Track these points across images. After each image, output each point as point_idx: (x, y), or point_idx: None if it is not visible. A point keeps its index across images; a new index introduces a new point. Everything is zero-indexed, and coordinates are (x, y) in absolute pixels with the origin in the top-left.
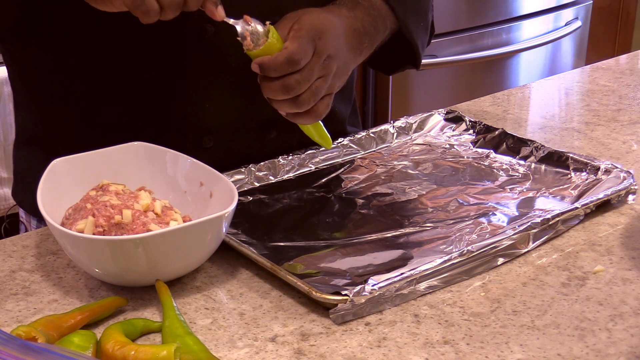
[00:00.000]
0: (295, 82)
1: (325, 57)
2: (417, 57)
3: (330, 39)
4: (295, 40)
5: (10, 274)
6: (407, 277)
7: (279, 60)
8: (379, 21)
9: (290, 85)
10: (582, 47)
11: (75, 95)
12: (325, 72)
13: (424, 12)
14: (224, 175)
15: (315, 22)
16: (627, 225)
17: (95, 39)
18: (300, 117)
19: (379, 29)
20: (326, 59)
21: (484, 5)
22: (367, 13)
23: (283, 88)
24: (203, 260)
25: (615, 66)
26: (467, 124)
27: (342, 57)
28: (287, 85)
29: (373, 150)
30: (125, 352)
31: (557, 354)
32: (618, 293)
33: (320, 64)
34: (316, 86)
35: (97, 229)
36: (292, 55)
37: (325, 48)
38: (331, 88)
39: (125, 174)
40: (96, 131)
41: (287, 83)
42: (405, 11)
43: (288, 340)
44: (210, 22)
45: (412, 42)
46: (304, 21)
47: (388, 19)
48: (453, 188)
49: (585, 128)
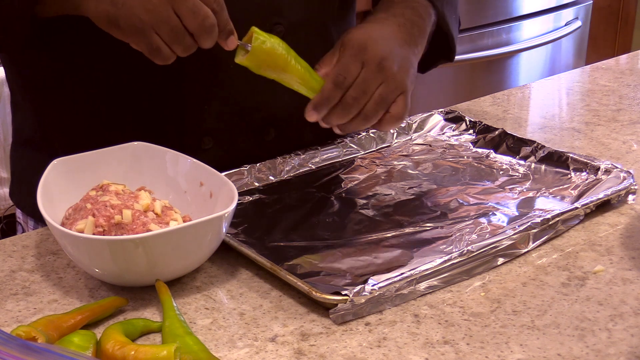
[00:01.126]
0: (352, 100)
1: (378, 64)
2: (452, 50)
3: (377, 45)
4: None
5: (10, 274)
6: (407, 277)
7: (327, 89)
8: (421, 9)
9: (348, 104)
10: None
11: (72, 97)
12: (384, 78)
13: (455, 4)
14: (224, 175)
15: (356, 36)
16: (627, 225)
17: (93, 41)
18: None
19: (423, 16)
20: (379, 65)
21: (484, 5)
22: (405, 6)
23: (343, 110)
24: (203, 260)
25: (615, 66)
26: (467, 124)
27: (398, 55)
28: (345, 105)
29: (373, 150)
30: (125, 352)
31: (557, 354)
32: (618, 293)
33: (375, 71)
34: (379, 94)
35: (97, 229)
36: (335, 78)
37: (373, 55)
38: (401, 87)
39: (125, 174)
40: (93, 132)
41: (344, 103)
42: (442, 3)
43: (288, 340)
44: None
45: (449, 34)
46: (346, 40)
47: (428, 10)
48: (453, 188)
49: (585, 128)
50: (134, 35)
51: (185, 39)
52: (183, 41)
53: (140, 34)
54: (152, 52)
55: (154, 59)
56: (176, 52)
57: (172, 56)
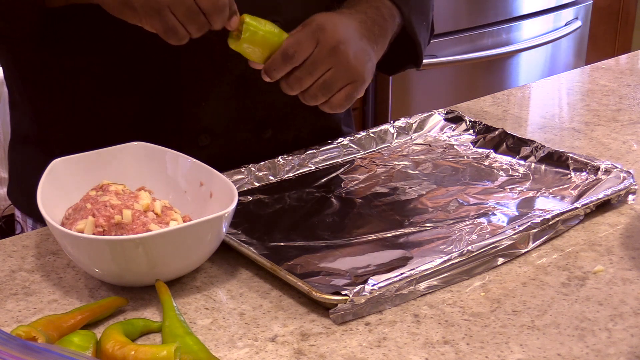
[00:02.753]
0: (296, 79)
1: (332, 47)
2: (419, 56)
3: (335, 29)
4: (291, 37)
5: (10, 274)
6: (407, 277)
7: (275, 59)
8: (385, 10)
9: (293, 82)
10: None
11: (70, 94)
12: (335, 63)
13: (426, 11)
14: (224, 175)
15: (318, 17)
16: (627, 225)
17: (91, 39)
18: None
19: (386, 17)
20: (334, 48)
21: (484, 5)
22: (369, 5)
23: (288, 85)
24: (203, 260)
25: (615, 66)
26: (467, 124)
27: (355, 44)
28: (289, 82)
29: (373, 150)
30: (125, 352)
31: (557, 354)
32: (618, 293)
33: (326, 55)
34: (324, 79)
35: (97, 229)
36: (285, 50)
37: (330, 37)
38: (352, 76)
39: (125, 174)
40: (91, 130)
41: (289, 80)
42: (409, 9)
43: (288, 340)
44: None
45: (415, 40)
46: (309, 21)
47: (394, 12)
48: (453, 188)
49: (585, 128)
50: (149, 16)
51: (199, 17)
52: (197, 20)
53: (156, 14)
54: (167, 31)
55: (168, 39)
56: (190, 31)
57: (186, 36)
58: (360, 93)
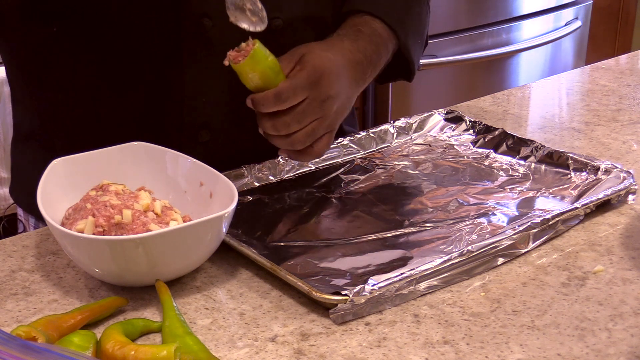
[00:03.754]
0: (284, 123)
1: (323, 100)
2: (411, 73)
3: (331, 81)
4: (289, 80)
5: (10, 274)
6: (407, 277)
7: (267, 96)
8: (382, 47)
9: (279, 125)
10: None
11: (72, 90)
12: (323, 114)
13: (421, 31)
14: (224, 175)
15: (317, 63)
16: (627, 225)
17: (92, 33)
18: (297, 155)
19: (381, 55)
20: (324, 101)
21: (484, 5)
22: (370, 41)
23: (273, 126)
24: (203, 260)
25: (615, 66)
26: (467, 124)
27: (343, 96)
28: (276, 124)
29: (373, 150)
30: (125, 352)
31: (557, 354)
32: (618, 293)
33: (317, 107)
34: (312, 128)
35: (97, 229)
36: (279, 93)
37: (324, 91)
38: (331, 126)
39: (125, 174)
40: (93, 125)
41: (276, 122)
42: (406, 33)
43: (288, 340)
44: (208, 16)
45: (410, 60)
46: (306, 61)
47: (390, 42)
48: (453, 188)
49: (585, 128)
50: None
51: None
52: None
53: None
54: None
55: None
56: None
57: None
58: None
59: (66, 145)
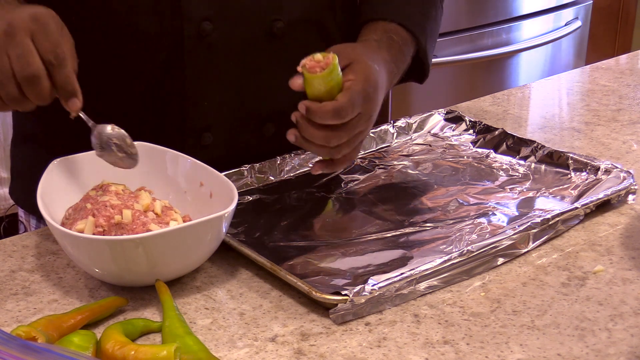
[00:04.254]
0: (338, 137)
1: (370, 115)
2: (425, 75)
3: (378, 97)
4: (347, 94)
5: (10, 274)
6: (407, 277)
7: (326, 109)
8: (407, 56)
9: (333, 138)
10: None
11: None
12: (365, 127)
13: (436, 34)
14: (224, 175)
15: (370, 77)
16: (627, 225)
17: (94, 37)
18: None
19: (406, 64)
20: (370, 116)
21: (484, 5)
22: (400, 51)
23: (325, 138)
24: (203, 260)
25: (615, 66)
26: (467, 123)
27: (378, 108)
28: (329, 137)
29: (373, 150)
30: (125, 352)
31: (557, 354)
32: (618, 293)
33: (362, 122)
34: (354, 139)
35: (97, 229)
36: (339, 109)
37: (373, 107)
38: (364, 136)
39: (125, 174)
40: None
41: (331, 135)
42: (426, 38)
43: (288, 340)
44: (208, 20)
45: (426, 64)
46: (358, 72)
47: (412, 47)
48: (453, 188)
49: (585, 128)
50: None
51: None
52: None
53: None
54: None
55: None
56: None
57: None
58: None
59: (66, 148)
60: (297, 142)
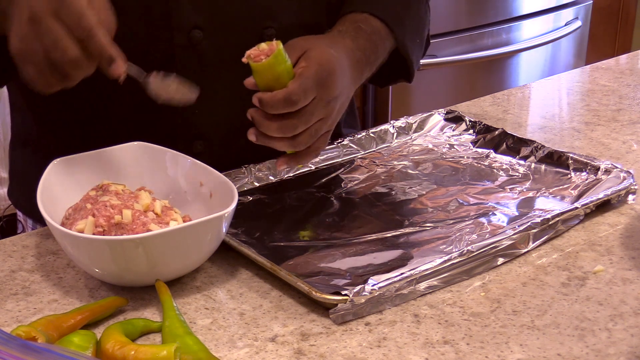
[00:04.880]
0: (292, 125)
1: (328, 101)
2: (411, 73)
3: (336, 82)
4: (298, 80)
5: (10, 274)
6: (407, 277)
7: (277, 98)
8: (380, 46)
9: (287, 127)
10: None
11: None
12: (327, 114)
13: (420, 30)
14: (224, 175)
15: (324, 62)
16: (627, 225)
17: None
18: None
19: (379, 54)
20: (329, 102)
21: (484, 5)
22: (369, 39)
23: (280, 128)
24: (203, 260)
25: (615, 66)
26: (467, 124)
27: (344, 95)
28: (284, 126)
29: (373, 150)
30: (125, 352)
31: (557, 354)
32: (618, 293)
33: (322, 107)
34: (315, 128)
35: (97, 229)
36: (290, 95)
37: (329, 92)
38: (332, 125)
39: (125, 174)
40: (89, 134)
41: (284, 124)
42: (403, 31)
43: (288, 340)
44: (199, 28)
45: (408, 60)
46: (312, 58)
47: (388, 41)
48: (453, 188)
49: (585, 128)
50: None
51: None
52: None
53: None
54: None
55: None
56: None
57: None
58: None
59: (63, 153)
60: (258, 140)
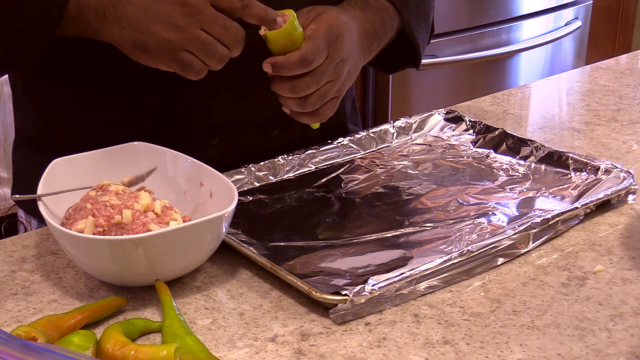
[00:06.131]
0: (305, 84)
1: (337, 62)
2: (417, 57)
3: (344, 43)
4: (310, 41)
5: (10, 274)
6: (407, 277)
7: (292, 60)
8: (387, 22)
9: (300, 86)
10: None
11: (76, 96)
12: (336, 77)
13: (426, 13)
14: (224, 175)
15: (333, 23)
16: (627, 225)
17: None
18: (303, 117)
19: (387, 29)
20: (338, 63)
21: (484, 5)
22: (377, 14)
23: (292, 88)
24: (203, 260)
25: (615, 66)
26: (467, 123)
27: (353, 60)
28: (296, 86)
29: (373, 150)
30: (125, 352)
31: (557, 354)
32: (618, 293)
33: (332, 68)
34: (325, 89)
35: (97, 229)
36: (305, 56)
37: (338, 53)
38: (340, 91)
39: (125, 174)
40: (97, 132)
41: (296, 83)
42: (409, 12)
43: (288, 340)
44: None
45: (414, 42)
46: (322, 21)
47: (395, 19)
48: (453, 188)
49: (585, 128)
50: (163, 57)
51: (218, 49)
52: (216, 52)
53: (169, 54)
54: (184, 68)
55: (187, 76)
56: (209, 64)
57: (204, 69)
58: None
59: (69, 151)
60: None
